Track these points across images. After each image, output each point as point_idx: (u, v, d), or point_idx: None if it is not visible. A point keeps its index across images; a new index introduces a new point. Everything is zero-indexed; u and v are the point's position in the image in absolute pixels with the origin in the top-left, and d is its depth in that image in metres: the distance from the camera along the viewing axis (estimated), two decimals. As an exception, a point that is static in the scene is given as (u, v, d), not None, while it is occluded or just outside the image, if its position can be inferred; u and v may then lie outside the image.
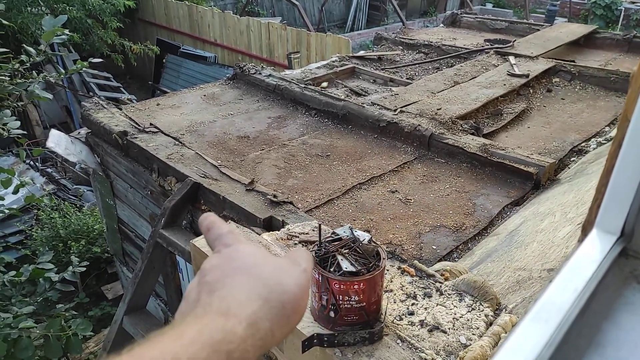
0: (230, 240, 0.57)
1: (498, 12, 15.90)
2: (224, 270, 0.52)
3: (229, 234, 0.59)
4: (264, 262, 0.54)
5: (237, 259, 0.54)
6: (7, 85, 2.65)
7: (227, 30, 9.45)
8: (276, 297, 0.50)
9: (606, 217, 0.58)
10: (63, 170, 7.04)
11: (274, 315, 0.48)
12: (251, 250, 0.56)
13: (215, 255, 0.56)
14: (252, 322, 0.46)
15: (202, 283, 0.51)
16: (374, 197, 2.44)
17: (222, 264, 0.53)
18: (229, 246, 0.57)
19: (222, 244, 0.57)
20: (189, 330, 0.43)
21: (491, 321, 1.16)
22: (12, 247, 4.96)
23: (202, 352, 0.41)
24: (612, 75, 3.76)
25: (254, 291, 0.49)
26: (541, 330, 0.44)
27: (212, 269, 0.53)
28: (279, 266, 0.54)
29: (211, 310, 0.46)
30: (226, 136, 3.11)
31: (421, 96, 3.42)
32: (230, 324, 0.45)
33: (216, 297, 0.48)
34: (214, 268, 0.53)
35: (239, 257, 0.54)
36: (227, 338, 0.44)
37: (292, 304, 0.51)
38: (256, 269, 0.52)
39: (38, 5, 8.30)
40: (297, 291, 0.52)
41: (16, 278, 3.03)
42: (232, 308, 0.47)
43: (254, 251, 0.56)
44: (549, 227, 1.70)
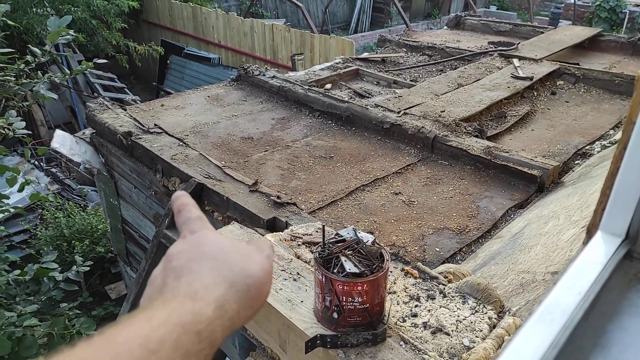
0: (197, 227, 0.59)
1: (502, 15, 15.88)
2: (190, 256, 0.53)
3: (198, 219, 0.60)
4: (229, 249, 0.56)
5: (204, 244, 0.55)
6: (12, 85, 2.67)
7: (231, 31, 9.48)
8: (242, 281, 0.52)
9: (611, 219, 0.58)
10: (67, 170, 7.07)
11: (239, 297, 0.51)
12: (217, 237, 0.58)
13: (180, 241, 0.57)
14: (220, 305, 0.48)
15: (168, 269, 0.52)
16: (377, 198, 2.44)
17: (188, 249, 0.55)
18: (194, 232, 0.58)
19: (189, 230, 0.58)
20: (158, 313, 0.44)
21: (494, 324, 1.16)
22: (17, 246, 4.98)
23: (172, 333, 0.42)
24: (617, 78, 3.75)
25: (220, 275, 0.51)
26: (546, 332, 0.44)
27: (178, 254, 0.54)
28: (244, 252, 0.56)
29: (179, 294, 0.48)
30: (230, 137, 3.12)
31: (425, 98, 3.42)
32: (198, 306, 0.46)
33: (183, 281, 0.50)
34: (180, 253, 0.54)
35: (205, 242, 0.56)
36: (196, 319, 0.45)
37: (256, 287, 0.53)
38: (222, 254, 0.54)
39: (43, 6, 8.35)
40: (261, 275, 0.54)
41: (20, 277, 3.04)
42: (200, 291, 0.48)
43: (219, 238, 0.57)
44: (553, 230, 1.70)
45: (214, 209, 2.41)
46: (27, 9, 8.10)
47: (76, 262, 3.41)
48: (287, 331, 1.15)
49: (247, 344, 2.13)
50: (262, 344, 1.34)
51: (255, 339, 1.35)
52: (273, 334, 1.21)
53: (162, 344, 0.41)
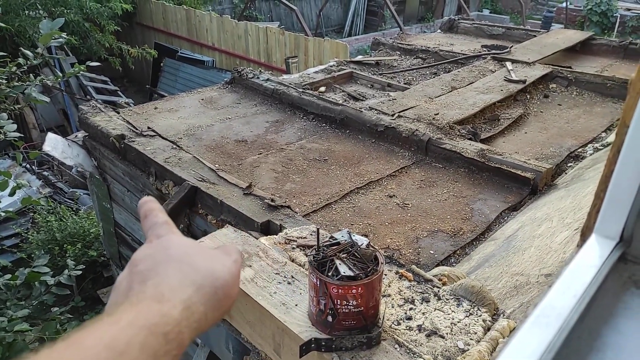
0: (163, 231, 0.59)
1: (495, 18, 16.01)
2: (156, 259, 0.53)
3: (164, 224, 0.60)
4: (196, 252, 0.56)
5: (170, 247, 0.55)
6: (4, 88, 2.65)
7: (225, 34, 9.48)
8: (209, 283, 0.52)
9: (605, 222, 0.59)
10: (59, 173, 7.02)
11: (207, 300, 0.51)
12: (183, 240, 0.58)
13: (146, 246, 0.57)
14: (187, 306, 0.48)
15: (134, 272, 0.52)
16: (371, 201, 2.44)
17: (154, 253, 0.55)
18: (161, 237, 0.58)
19: (155, 234, 0.58)
20: (125, 316, 0.44)
21: (489, 326, 1.16)
22: (8, 250, 4.94)
23: (139, 335, 0.42)
24: (609, 81, 3.78)
25: (187, 278, 0.51)
26: (542, 335, 0.44)
27: (144, 258, 0.54)
28: (211, 256, 0.57)
29: (145, 297, 0.47)
30: (224, 140, 3.11)
31: (419, 101, 3.43)
32: (165, 308, 0.46)
33: (150, 285, 0.49)
34: (146, 257, 0.54)
35: (171, 246, 0.56)
36: (163, 321, 0.45)
37: (223, 289, 0.53)
38: (189, 258, 0.54)
39: (36, 8, 8.31)
40: (228, 278, 0.55)
41: (11, 281, 3.01)
42: (166, 294, 0.48)
43: (186, 242, 0.58)
44: (546, 233, 1.71)
45: (208, 212, 2.40)
46: (19, 12, 8.05)
47: (68, 266, 3.38)
48: (282, 335, 1.14)
49: (241, 348, 2.11)
50: (256, 348, 1.33)
51: (250, 343, 1.34)
52: (267, 337, 1.21)
53: (129, 345, 0.41)
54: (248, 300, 1.21)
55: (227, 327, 1.45)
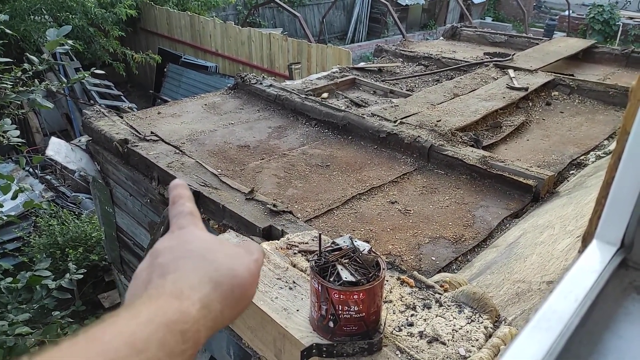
0: (185, 223, 0.58)
1: (497, 26, 16.06)
2: (177, 253, 0.53)
3: (188, 215, 0.60)
4: (217, 248, 0.55)
5: (191, 242, 0.55)
6: (9, 93, 2.67)
7: (229, 40, 9.52)
8: (227, 282, 0.52)
9: (606, 228, 0.59)
10: (62, 177, 7.04)
11: (224, 298, 0.51)
12: (205, 235, 0.57)
13: (168, 237, 0.57)
14: (205, 305, 0.48)
15: (154, 265, 0.52)
16: (373, 207, 2.44)
17: (175, 246, 0.54)
18: (182, 228, 0.58)
19: (177, 225, 0.58)
20: (145, 311, 0.44)
21: (490, 333, 1.16)
22: (10, 254, 4.94)
23: (158, 332, 0.42)
24: (611, 89, 3.78)
25: (206, 275, 0.51)
26: (543, 339, 0.44)
27: (164, 250, 0.54)
28: (232, 253, 0.56)
29: (164, 293, 0.47)
30: (226, 145, 3.12)
31: (421, 108, 3.44)
32: (184, 305, 0.46)
33: (169, 279, 0.49)
34: (167, 250, 0.54)
35: (192, 240, 0.55)
36: (182, 319, 0.45)
37: (241, 288, 0.53)
38: (209, 254, 0.54)
39: (41, 13, 8.38)
40: (247, 277, 0.54)
41: (13, 285, 3.02)
42: (185, 291, 0.48)
43: (207, 236, 0.57)
44: (548, 240, 1.70)
45: (210, 217, 2.41)
46: (24, 17, 8.12)
47: (69, 270, 3.39)
48: (283, 340, 1.14)
49: (242, 353, 2.11)
50: (257, 353, 1.33)
51: (251, 348, 1.34)
52: (268, 343, 1.21)
53: (148, 343, 0.41)
54: (249, 305, 1.21)
55: (228, 332, 1.45)
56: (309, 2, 15.60)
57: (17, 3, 8.10)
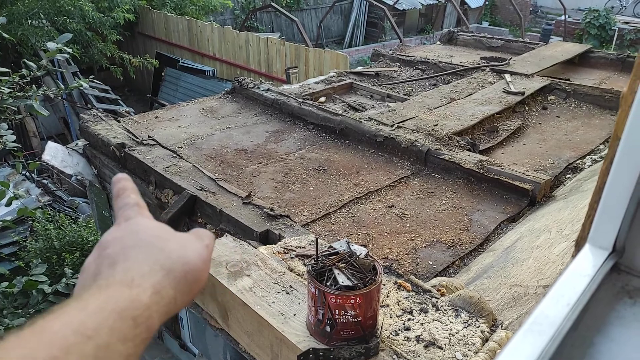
0: (132, 213, 0.59)
1: (494, 31, 16.13)
2: (125, 243, 0.53)
3: (134, 206, 0.60)
4: (167, 236, 0.56)
5: (139, 231, 0.55)
6: (6, 98, 2.67)
7: (226, 44, 9.54)
8: (179, 268, 0.52)
9: (598, 233, 0.59)
10: (59, 181, 7.03)
11: (177, 284, 0.51)
12: (152, 224, 0.57)
13: (115, 228, 0.57)
14: (156, 291, 0.48)
15: (103, 256, 0.52)
16: (370, 211, 2.45)
17: (123, 236, 0.54)
18: (129, 219, 0.58)
19: (124, 217, 0.58)
20: (93, 301, 0.44)
21: (487, 337, 1.16)
22: (6, 259, 4.92)
23: (108, 320, 0.42)
24: (607, 93, 3.81)
25: (157, 262, 0.51)
26: (535, 343, 0.44)
27: (112, 241, 0.54)
28: (182, 240, 0.56)
29: (114, 282, 0.47)
30: (224, 149, 3.13)
31: (418, 112, 3.45)
32: (134, 292, 0.46)
33: (119, 269, 0.49)
34: (115, 241, 0.54)
35: (141, 229, 0.56)
36: (133, 305, 0.45)
37: (193, 274, 0.53)
38: (159, 242, 0.54)
39: (39, 17, 8.38)
40: (199, 263, 0.55)
41: (9, 289, 3.00)
42: (136, 279, 0.48)
43: (155, 225, 0.57)
44: (544, 244, 1.71)
45: (207, 221, 2.41)
46: (22, 21, 8.11)
47: (66, 274, 3.38)
48: (280, 345, 1.14)
49: (239, 358, 2.10)
50: (254, 358, 1.33)
51: (248, 353, 1.34)
52: (265, 348, 1.21)
53: (98, 330, 0.41)
54: (246, 310, 1.21)
55: (225, 337, 1.45)
56: (306, 7, 15.65)
57: (14, 7, 8.11)
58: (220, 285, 1.28)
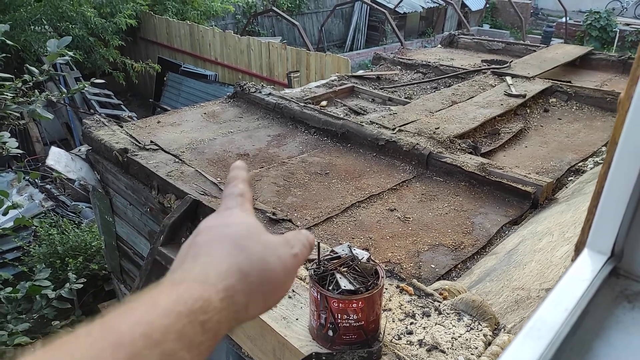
0: (233, 204, 0.57)
1: (495, 33, 16.15)
2: (213, 235, 0.52)
3: (238, 197, 0.58)
4: (254, 235, 0.53)
5: (230, 225, 0.54)
6: (9, 104, 2.68)
7: (228, 49, 9.58)
8: (257, 274, 0.49)
9: (597, 237, 0.60)
10: (62, 186, 7.05)
11: (250, 290, 0.48)
12: (247, 220, 0.55)
13: (214, 216, 0.56)
14: (229, 295, 0.46)
15: (193, 243, 0.52)
16: (372, 215, 2.45)
17: (214, 227, 0.53)
18: (228, 209, 0.56)
19: (225, 206, 0.57)
20: (164, 299, 0.42)
21: (490, 341, 1.16)
22: (10, 264, 4.94)
23: (177, 323, 0.41)
24: (608, 95, 3.80)
25: (236, 263, 0.48)
26: (533, 348, 0.44)
27: (205, 230, 0.53)
28: (269, 243, 0.53)
29: (189, 277, 0.46)
30: (226, 154, 3.14)
31: (419, 115, 3.46)
32: (207, 293, 0.44)
33: (199, 262, 0.48)
34: (207, 229, 0.53)
35: (232, 223, 0.54)
36: (203, 308, 0.43)
37: (272, 283, 0.50)
38: (244, 241, 0.51)
39: (41, 24, 8.43)
40: (280, 272, 0.51)
41: (13, 294, 3.01)
42: (211, 277, 0.46)
43: (249, 222, 0.55)
44: (547, 247, 1.71)
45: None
46: (25, 27, 8.17)
47: (69, 279, 3.39)
48: (282, 349, 1.14)
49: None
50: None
51: (250, 357, 1.34)
52: (268, 352, 1.21)
53: (166, 334, 0.39)
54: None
55: (228, 341, 1.45)
56: (307, 11, 15.70)
57: (17, 14, 8.16)
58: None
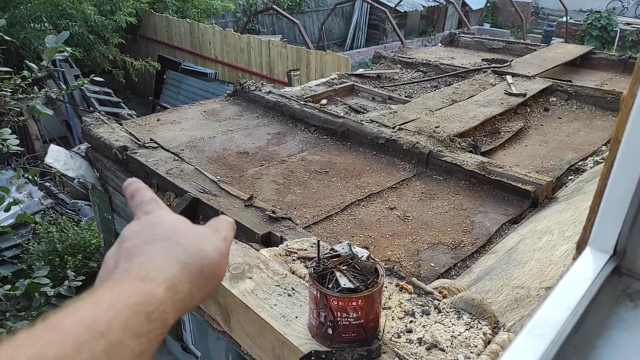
0: (151, 208, 0.58)
1: (495, 32, 16.13)
2: (143, 237, 0.53)
3: (152, 201, 0.59)
4: (184, 230, 0.55)
5: (158, 225, 0.55)
6: (8, 100, 2.68)
7: (228, 47, 9.56)
8: (195, 262, 0.51)
9: (599, 235, 0.59)
10: (61, 184, 7.04)
11: (192, 278, 0.50)
12: (172, 218, 0.57)
13: (135, 222, 0.57)
14: (171, 285, 0.47)
15: (121, 250, 0.52)
16: (372, 213, 2.45)
17: (141, 230, 0.54)
18: (149, 213, 0.57)
19: (143, 211, 0.58)
20: (108, 295, 0.44)
21: (489, 339, 1.16)
22: (8, 261, 4.93)
23: (121, 315, 0.42)
24: (609, 95, 3.80)
25: (173, 256, 0.51)
26: (535, 346, 0.44)
27: (131, 235, 0.54)
28: (199, 233, 0.56)
29: (129, 276, 0.47)
30: (226, 152, 3.13)
31: (419, 114, 3.45)
32: (148, 287, 0.46)
33: (135, 263, 0.49)
34: (134, 234, 0.54)
35: (159, 223, 0.55)
36: (147, 300, 0.44)
37: (210, 268, 0.53)
38: (176, 236, 0.53)
39: (41, 21, 8.41)
40: (216, 257, 0.54)
41: (11, 292, 3.01)
42: (151, 273, 0.48)
43: (174, 219, 0.57)
44: (546, 245, 1.71)
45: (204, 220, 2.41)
46: (24, 24, 8.15)
47: (68, 277, 3.38)
48: (282, 347, 1.14)
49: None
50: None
51: (250, 355, 1.34)
52: (267, 350, 1.21)
53: (111, 326, 0.41)
54: (248, 313, 1.21)
55: (227, 339, 1.45)
56: (308, 9, 15.68)
57: (17, 11, 8.14)
58: (222, 288, 1.28)
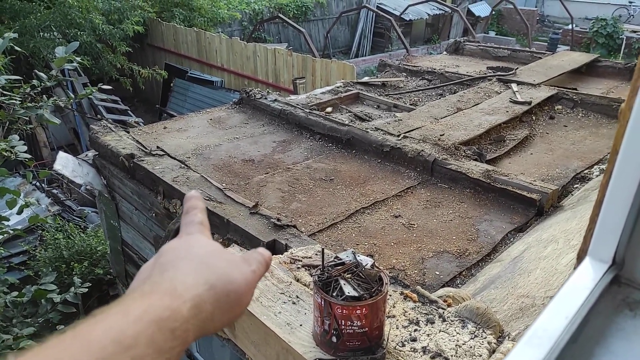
0: (194, 230, 0.61)
1: (501, 40, 16.14)
2: (178, 254, 0.55)
3: (198, 224, 0.62)
4: (218, 255, 0.57)
5: (194, 246, 0.58)
6: (18, 109, 2.71)
7: (234, 55, 9.64)
8: (222, 286, 0.53)
9: (598, 245, 0.60)
10: (68, 191, 7.10)
11: (217, 301, 0.52)
12: (209, 242, 0.60)
13: (175, 240, 0.59)
14: (196, 304, 0.49)
15: (157, 263, 0.54)
16: (377, 221, 2.45)
17: (178, 248, 0.57)
18: (190, 234, 0.60)
19: (185, 232, 0.61)
20: (135, 308, 0.45)
21: (494, 348, 1.16)
22: (16, 268, 4.96)
23: (147, 330, 0.43)
24: (614, 103, 3.79)
25: (202, 276, 0.52)
26: (533, 355, 0.45)
27: (168, 250, 0.56)
28: (231, 260, 0.58)
29: (159, 290, 0.49)
30: (231, 160, 3.15)
31: (424, 122, 3.46)
32: (175, 303, 0.47)
33: (166, 277, 0.51)
34: (170, 250, 0.56)
35: (196, 245, 0.58)
36: (172, 316, 0.46)
37: (236, 295, 0.54)
38: (208, 258, 0.56)
39: (50, 30, 8.53)
40: (243, 285, 0.56)
41: (18, 298, 3.03)
42: (179, 289, 0.49)
43: (211, 244, 0.60)
44: (552, 254, 1.70)
45: (214, 231, 2.42)
46: (34, 34, 8.26)
47: (74, 284, 3.41)
48: (286, 355, 1.14)
49: (245, 368, 2.10)
50: (260, 368, 1.33)
51: (254, 363, 1.34)
52: (272, 358, 1.21)
53: (137, 339, 0.42)
54: (253, 320, 1.22)
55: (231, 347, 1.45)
56: (313, 18, 15.78)
57: (27, 21, 8.27)
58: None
